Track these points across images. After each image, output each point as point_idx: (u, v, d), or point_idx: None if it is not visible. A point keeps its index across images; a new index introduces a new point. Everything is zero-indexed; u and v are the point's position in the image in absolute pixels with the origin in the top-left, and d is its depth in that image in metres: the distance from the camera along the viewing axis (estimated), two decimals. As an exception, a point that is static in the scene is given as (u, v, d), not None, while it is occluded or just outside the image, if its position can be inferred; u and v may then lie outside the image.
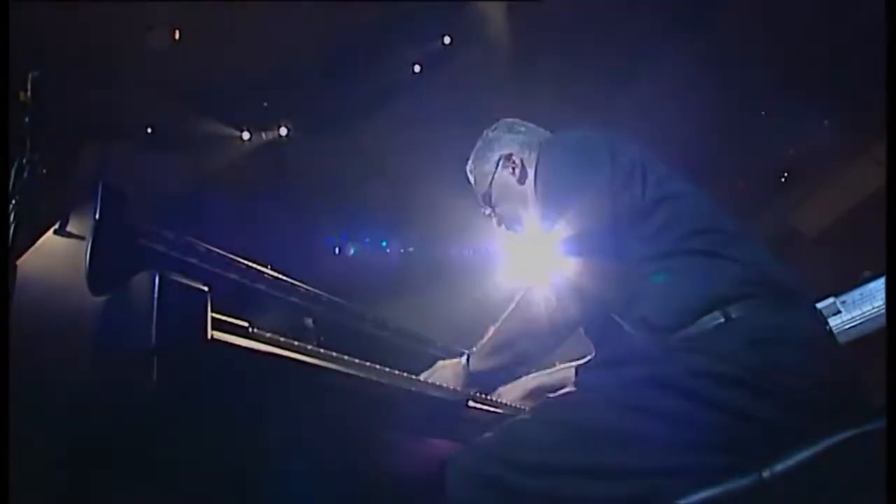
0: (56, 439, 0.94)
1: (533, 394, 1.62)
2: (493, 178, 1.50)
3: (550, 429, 1.04)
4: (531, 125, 1.56)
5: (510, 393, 1.62)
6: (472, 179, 1.58)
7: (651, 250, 1.15)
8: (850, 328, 2.67)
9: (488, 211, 1.56)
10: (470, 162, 1.58)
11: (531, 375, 1.64)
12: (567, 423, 1.03)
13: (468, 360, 1.34)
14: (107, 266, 0.99)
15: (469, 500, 1.02)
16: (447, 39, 6.30)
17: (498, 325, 1.30)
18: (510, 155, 1.48)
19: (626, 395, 1.02)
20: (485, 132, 1.58)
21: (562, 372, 1.62)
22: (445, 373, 1.36)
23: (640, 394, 1.01)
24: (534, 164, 1.35)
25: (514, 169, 1.47)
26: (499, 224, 1.56)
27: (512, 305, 1.27)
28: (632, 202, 1.19)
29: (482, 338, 1.35)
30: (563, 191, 1.23)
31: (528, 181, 1.44)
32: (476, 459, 1.05)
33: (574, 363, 1.53)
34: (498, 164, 1.49)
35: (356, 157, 6.89)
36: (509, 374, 1.60)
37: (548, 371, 1.64)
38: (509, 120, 1.57)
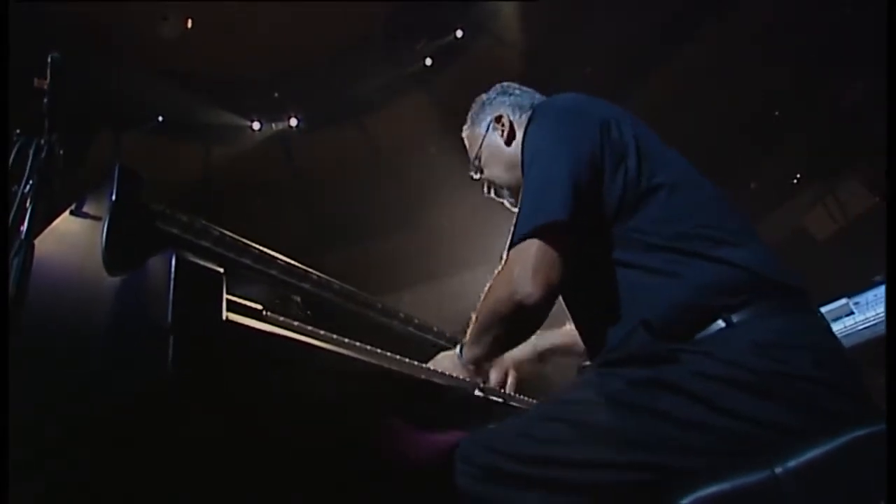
0: (73, 418, 0.94)
1: (544, 355, 1.62)
2: (483, 140, 1.47)
3: (555, 424, 1.02)
4: (528, 89, 1.50)
5: (520, 352, 1.59)
6: (466, 144, 1.55)
7: (647, 238, 1.09)
8: (863, 329, 2.64)
9: (477, 175, 1.52)
10: (465, 126, 1.55)
11: (540, 335, 1.56)
12: (573, 421, 1.01)
13: (461, 349, 1.32)
14: (123, 246, 1.00)
15: (471, 489, 1.02)
16: (459, 33, 6.28)
17: (475, 312, 1.25)
18: (500, 117, 1.45)
19: (631, 395, 1.00)
20: (481, 95, 1.54)
21: (571, 334, 1.57)
22: (445, 362, 1.35)
23: (646, 394, 0.99)
24: (524, 127, 1.28)
25: (502, 131, 1.44)
26: (487, 191, 1.52)
27: (485, 290, 1.21)
28: (625, 183, 1.12)
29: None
30: (542, 156, 1.16)
31: (515, 143, 1.40)
32: (477, 449, 1.04)
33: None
34: (489, 127, 1.46)
35: (366, 149, 6.89)
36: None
37: (560, 331, 1.60)
38: (506, 83, 1.53)
